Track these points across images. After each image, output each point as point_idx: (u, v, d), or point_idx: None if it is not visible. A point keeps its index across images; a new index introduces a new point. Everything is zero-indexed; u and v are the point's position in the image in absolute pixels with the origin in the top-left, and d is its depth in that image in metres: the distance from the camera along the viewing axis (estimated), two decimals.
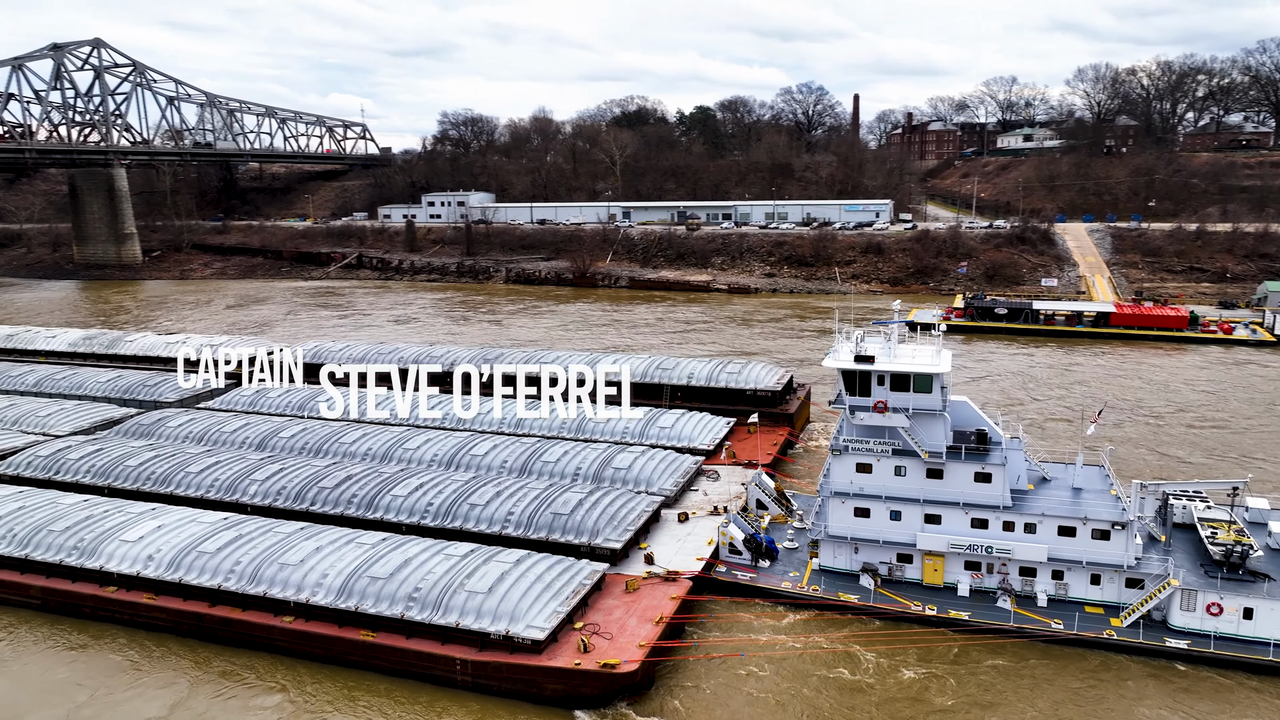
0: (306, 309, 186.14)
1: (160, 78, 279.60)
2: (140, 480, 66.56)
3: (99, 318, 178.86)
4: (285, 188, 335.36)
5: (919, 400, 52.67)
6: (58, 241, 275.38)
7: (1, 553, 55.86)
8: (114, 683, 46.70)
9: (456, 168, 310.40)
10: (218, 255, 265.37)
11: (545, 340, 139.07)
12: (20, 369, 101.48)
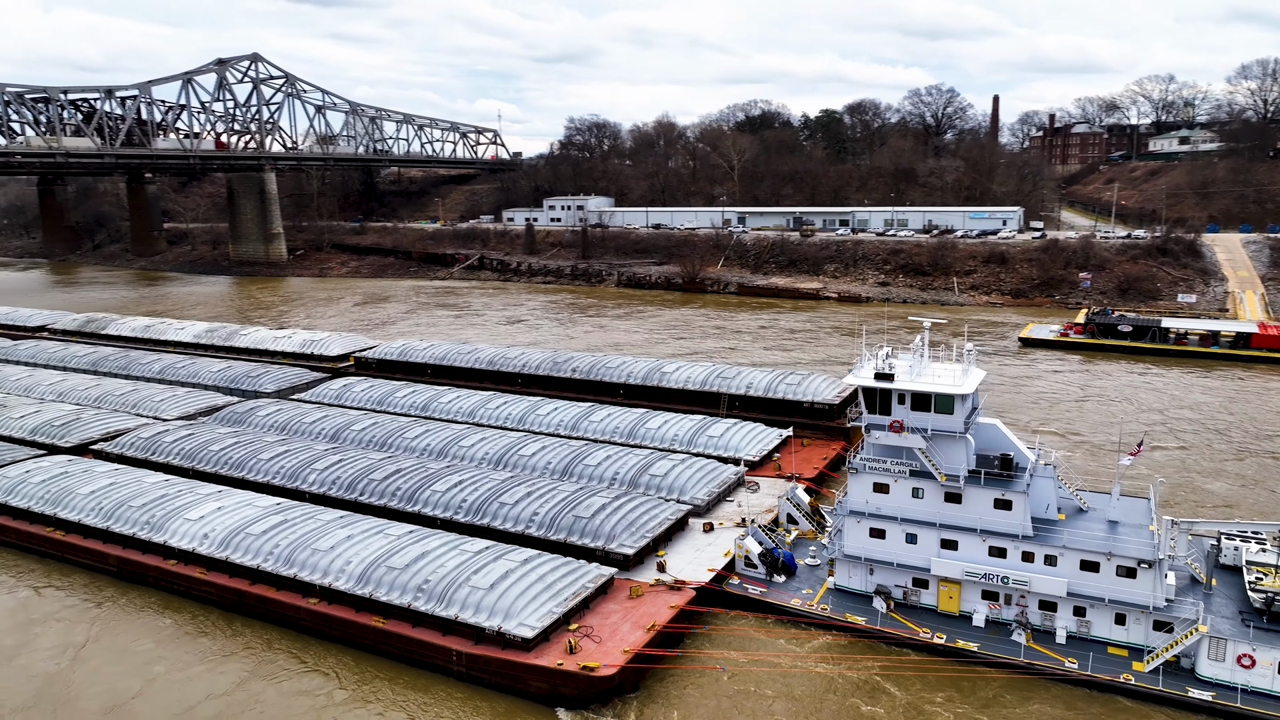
0: (425, 308, 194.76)
1: (309, 88, 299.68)
2: (218, 464, 72.66)
3: (241, 311, 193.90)
4: (420, 191, 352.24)
5: (939, 421, 51.01)
6: (217, 240, 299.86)
7: (89, 523, 62.38)
8: (185, 656, 51.39)
9: (578, 172, 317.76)
10: (354, 255, 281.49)
11: (643, 345, 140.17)
12: (150, 357, 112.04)
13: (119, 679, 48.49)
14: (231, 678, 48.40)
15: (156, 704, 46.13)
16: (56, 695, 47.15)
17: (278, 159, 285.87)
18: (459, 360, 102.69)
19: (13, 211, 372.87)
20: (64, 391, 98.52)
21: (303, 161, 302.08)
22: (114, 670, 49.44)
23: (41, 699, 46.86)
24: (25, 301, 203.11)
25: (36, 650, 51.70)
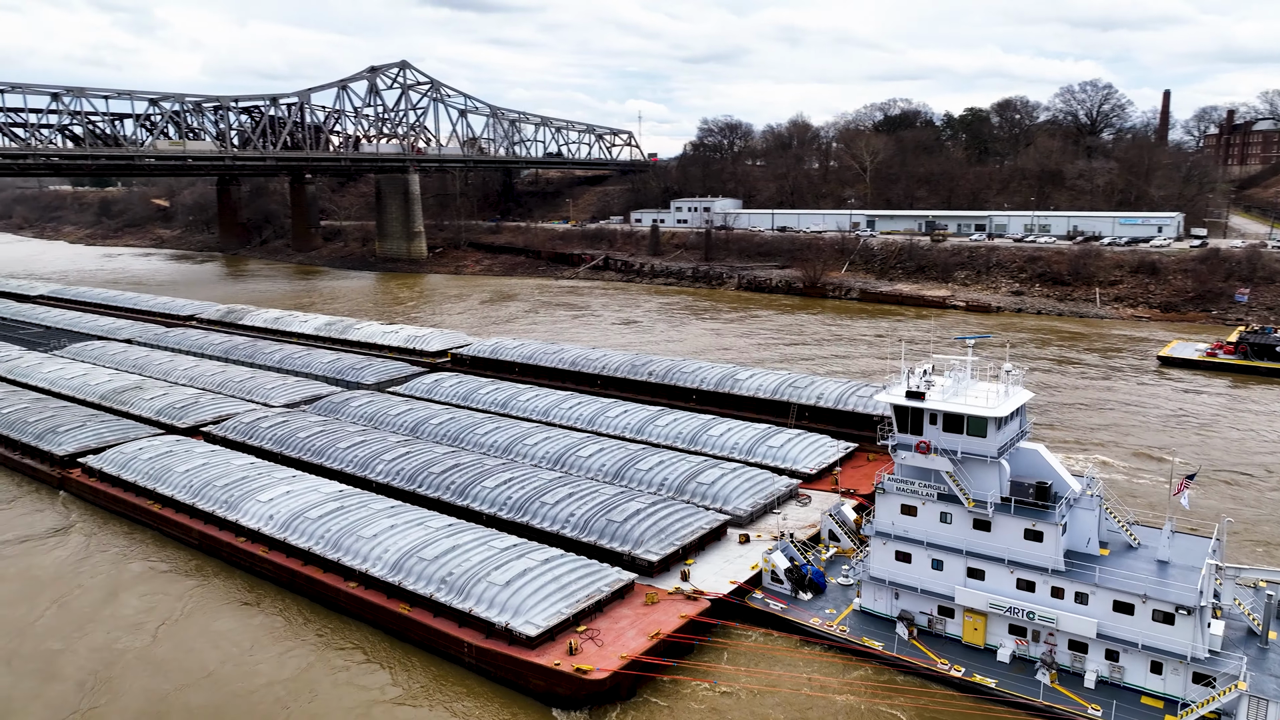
0: (546, 307, 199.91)
1: (453, 93, 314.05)
2: (301, 450, 78.08)
3: (377, 305, 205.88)
4: (555, 192, 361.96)
5: (970, 444, 48.66)
6: (366, 237, 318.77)
7: (179, 499, 68.58)
8: (233, 624, 56.13)
9: (708, 174, 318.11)
10: (488, 253, 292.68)
11: (751, 349, 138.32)
12: (272, 347, 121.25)
13: (169, 642, 53.28)
14: (271, 648, 52.24)
15: (183, 665, 50.43)
16: (112, 658, 52.36)
17: (421, 161, 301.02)
18: (544, 360, 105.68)
19: (197, 209, 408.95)
20: (194, 376, 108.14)
21: (444, 163, 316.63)
22: (171, 633, 54.31)
23: (104, 661, 52.15)
24: (195, 292, 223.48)
25: (119, 613, 57.40)
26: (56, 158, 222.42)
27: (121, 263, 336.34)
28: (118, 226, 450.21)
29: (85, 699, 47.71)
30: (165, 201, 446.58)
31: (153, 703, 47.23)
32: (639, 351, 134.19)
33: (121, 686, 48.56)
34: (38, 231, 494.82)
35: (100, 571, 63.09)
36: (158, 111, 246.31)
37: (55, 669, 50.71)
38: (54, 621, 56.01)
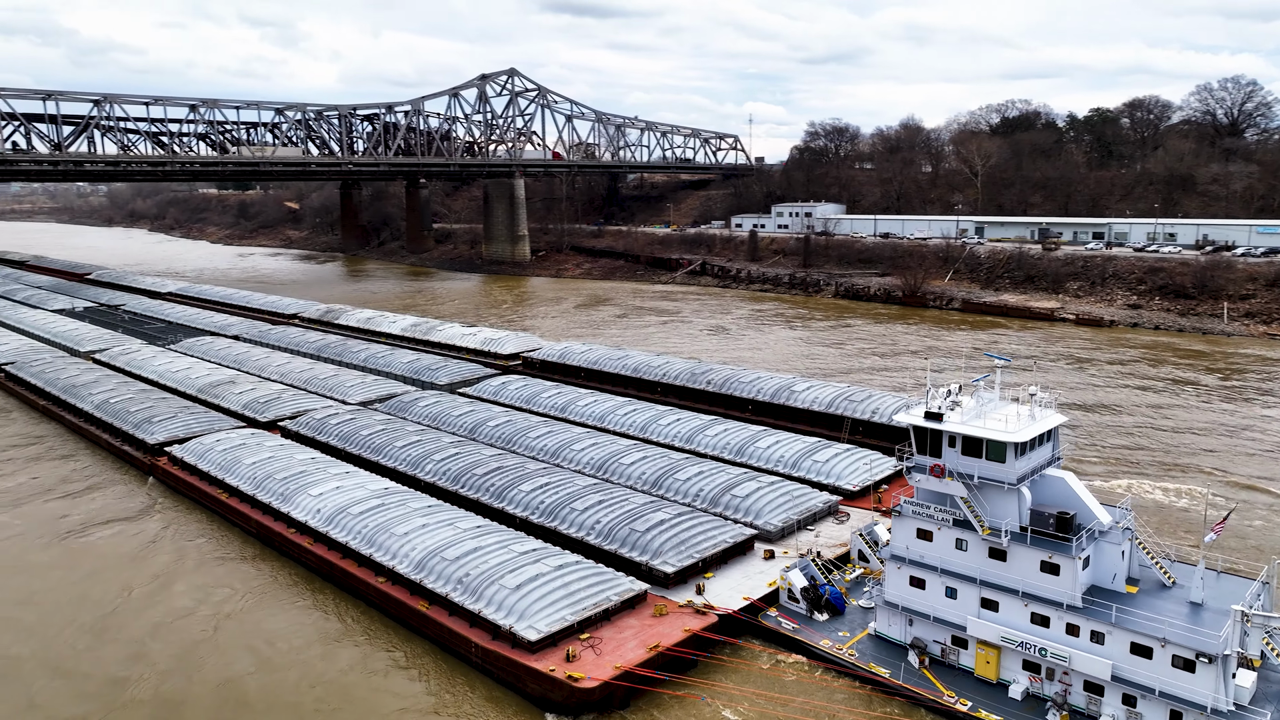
0: (637, 313, 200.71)
1: (560, 99, 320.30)
2: (362, 447, 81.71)
3: (476, 307, 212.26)
4: (659, 196, 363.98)
5: (988, 469, 46.60)
6: (474, 240, 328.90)
7: (243, 490, 72.97)
8: (269, 608, 59.57)
9: (811, 178, 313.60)
10: (588, 257, 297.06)
11: (835, 361, 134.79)
12: (360, 346, 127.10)
13: (219, 634, 56.85)
14: (298, 635, 55.07)
15: (219, 647, 53.68)
16: (154, 625, 56.28)
17: (526, 166, 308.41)
18: (608, 365, 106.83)
19: (323, 211, 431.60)
20: (285, 372, 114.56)
21: (549, 168, 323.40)
22: (222, 625, 57.94)
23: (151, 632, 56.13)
24: (311, 291, 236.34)
25: (176, 604, 61.61)
26: (193, 164, 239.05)
27: (252, 261, 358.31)
28: (253, 228, 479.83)
29: (126, 683, 51.52)
30: (295, 204, 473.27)
31: (187, 692, 50.54)
32: (720, 359, 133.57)
33: (164, 677, 52.07)
34: (185, 231, 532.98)
35: (168, 556, 67.84)
36: (283, 120, 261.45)
37: (103, 651, 54.92)
38: (114, 602, 60.59)
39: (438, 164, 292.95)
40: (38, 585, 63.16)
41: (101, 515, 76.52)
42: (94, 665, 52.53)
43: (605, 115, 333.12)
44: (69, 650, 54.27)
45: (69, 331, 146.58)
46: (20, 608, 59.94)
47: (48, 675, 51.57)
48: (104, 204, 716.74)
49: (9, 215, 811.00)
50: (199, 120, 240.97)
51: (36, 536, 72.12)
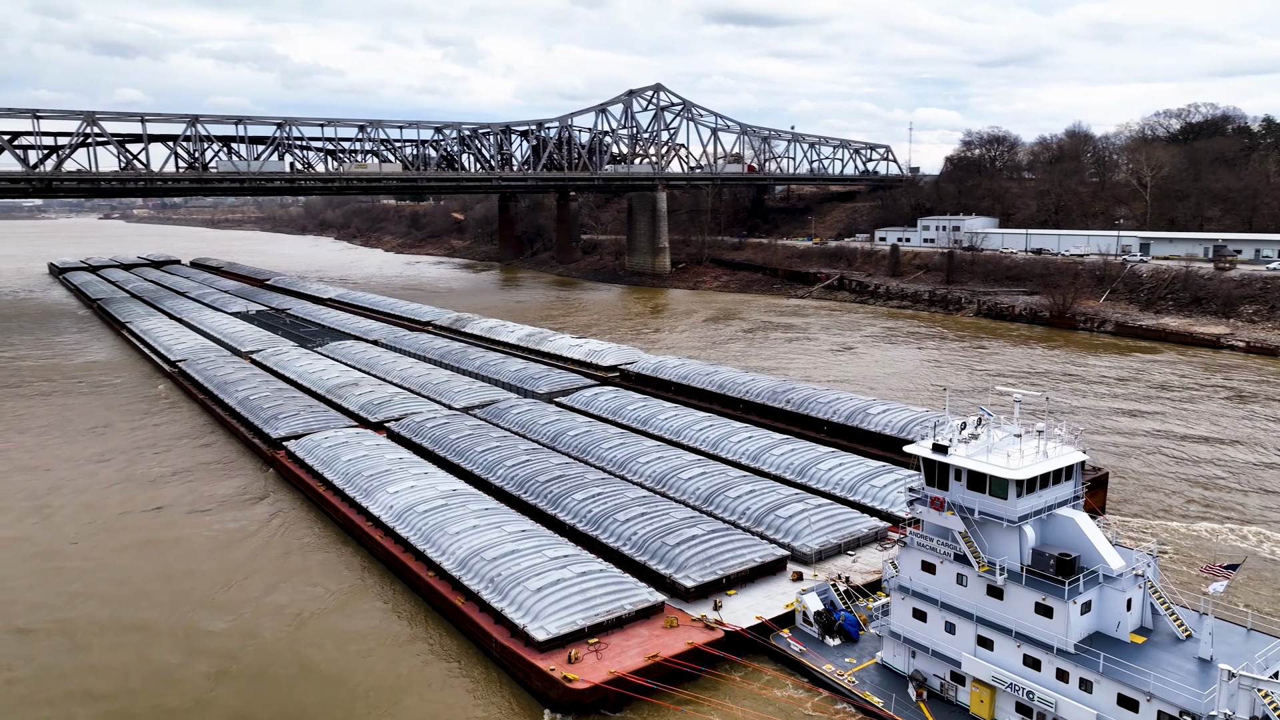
0: (764, 329, 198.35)
1: (704, 113, 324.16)
2: (447, 449, 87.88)
3: (610, 318, 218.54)
4: (805, 208, 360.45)
5: (990, 505, 45.80)
6: (619, 251, 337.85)
7: (335, 483, 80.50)
8: (376, 638, 66.05)
9: (962, 190, 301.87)
10: (727, 269, 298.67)
11: (959, 385, 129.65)
12: (477, 353, 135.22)
13: (277, 601, 63.64)
14: (359, 619, 60.93)
15: (295, 653, 60.10)
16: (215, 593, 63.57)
17: (669, 179, 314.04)
18: (696, 381, 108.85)
19: (485, 222, 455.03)
20: (406, 376, 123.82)
21: (692, 181, 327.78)
22: (305, 621, 64.80)
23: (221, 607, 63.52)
24: (460, 300, 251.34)
25: (262, 596, 69.23)
26: (353, 180, 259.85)
27: (416, 269, 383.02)
28: (423, 237, 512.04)
29: (197, 665, 58.85)
30: (461, 215, 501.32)
31: (252, 683, 57.25)
32: (834, 378, 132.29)
33: (236, 667, 59.07)
34: (365, 240, 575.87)
35: (267, 543, 76.03)
36: (441, 138, 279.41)
37: (195, 634, 62.74)
38: (207, 582, 68.79)
39: (582, 178, 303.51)
40: (160, 559, 72.56)
41: (224, 498, 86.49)
42: (193, 635, 60.30)
43: (750, 127, 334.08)
44: (183, 620, 62.40)
45: (237, 333, 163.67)
46: (147, 580, 69.18)
47: (170, 643, 59.50)
48: (300, 213, 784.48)
49: (223, 224, 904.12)
50: (365, 139, 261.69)
51: (167, 511, 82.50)
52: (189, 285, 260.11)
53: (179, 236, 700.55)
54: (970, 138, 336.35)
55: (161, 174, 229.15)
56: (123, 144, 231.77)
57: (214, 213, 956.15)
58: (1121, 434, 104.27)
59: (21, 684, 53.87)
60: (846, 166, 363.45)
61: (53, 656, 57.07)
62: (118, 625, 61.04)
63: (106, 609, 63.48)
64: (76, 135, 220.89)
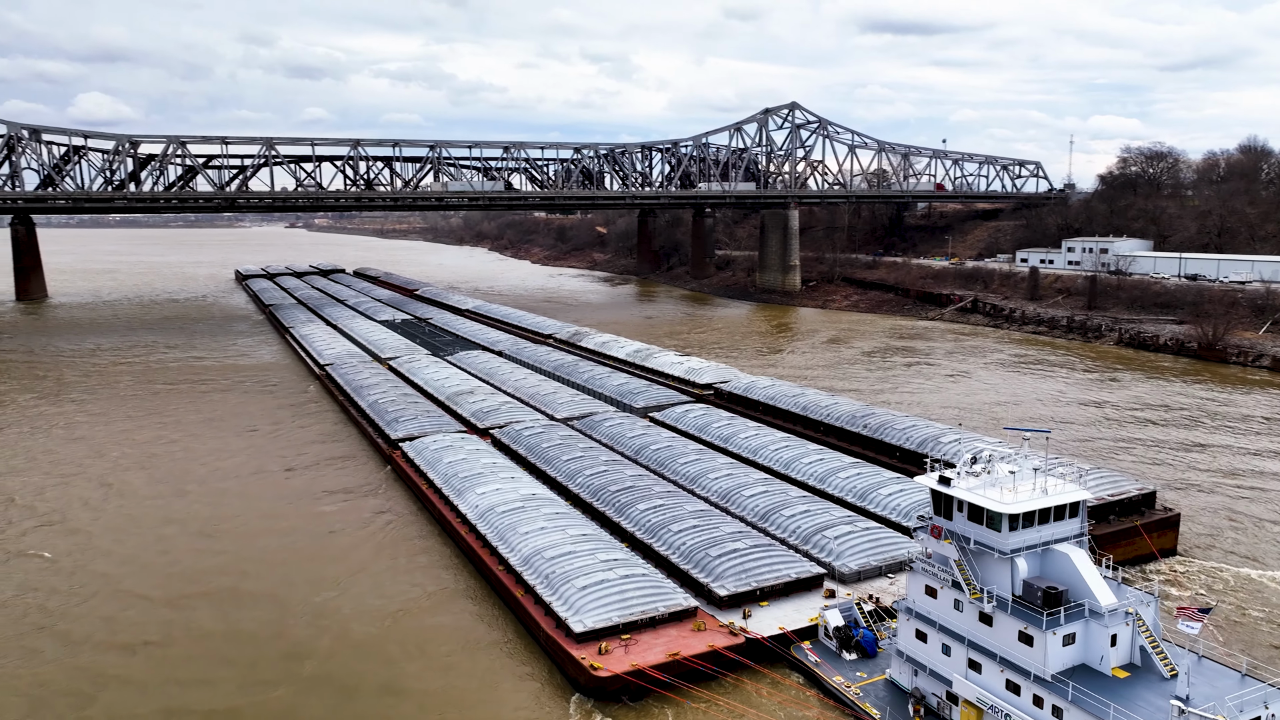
0: (887, 352, 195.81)
1: (841, 130, 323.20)
2: (537, 457, 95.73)
3: (730, 337, 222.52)
4: (945, 226, 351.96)
5: (985, 536, 48.45)
6: (752, 268, 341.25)
7: (436, 483, 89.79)
8: (455, 640, 74.91)
9: (1113, 210, 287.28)
10: (858, 288, 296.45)
11: (1079, 424, 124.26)
12: (586, 367, 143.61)
13: (390, 624, 72.78)
14: (433, 600, 69.21)
15: (355, 599, 68.98)
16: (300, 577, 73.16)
17: (800, 197, 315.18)
18: (782, 402, 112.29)
19: (626, 236, 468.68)
20: (518, 386, 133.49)
21: (824, 199, 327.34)
22: (396, 617, 73.96)
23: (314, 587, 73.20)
24: (598, 313, 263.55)
25: (357, 588, 79.00)
26: (482, 196, 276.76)
27: (558, 281, 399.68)
28: (567, 250, 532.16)
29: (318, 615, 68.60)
30: (604, 229, 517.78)
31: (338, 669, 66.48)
32: (941, 406, 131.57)
33: (317, 658, 68.57)
34: (515, 251, 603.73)
35: (373, 532, 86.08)
36: (579, 157, 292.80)
37: (284, 618, 72.82)
38: (318, 561, 79.06)
39: (713, 196, 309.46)
40: (284, 539, 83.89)
41: (344, 488, 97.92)
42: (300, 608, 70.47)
43: (886, 144, 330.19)
44: (293, 590, 72.87)
45: (380, 340, 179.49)
46: (274, 555, 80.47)
47: (304, 615, 69.97)
48: (459, 225, 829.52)
49: (391, 233, 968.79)
50: (509, 158, 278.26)
51: (296, 497, 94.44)
52: (348, 293, 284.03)
53: (349, 245, 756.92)
54: (1127, 153, 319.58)
55: (327, 191, 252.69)
56: (297, 164, 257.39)
57: (383, 223, 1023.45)
58: (1243, 475, 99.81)
59: (177, 643, 65.01)
60: (993, 184, 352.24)
61: (202, 617, 68.31)
62: (251, 596, 71.63)
63: (242, 582, 74.57)
64: (258, 158, 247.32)
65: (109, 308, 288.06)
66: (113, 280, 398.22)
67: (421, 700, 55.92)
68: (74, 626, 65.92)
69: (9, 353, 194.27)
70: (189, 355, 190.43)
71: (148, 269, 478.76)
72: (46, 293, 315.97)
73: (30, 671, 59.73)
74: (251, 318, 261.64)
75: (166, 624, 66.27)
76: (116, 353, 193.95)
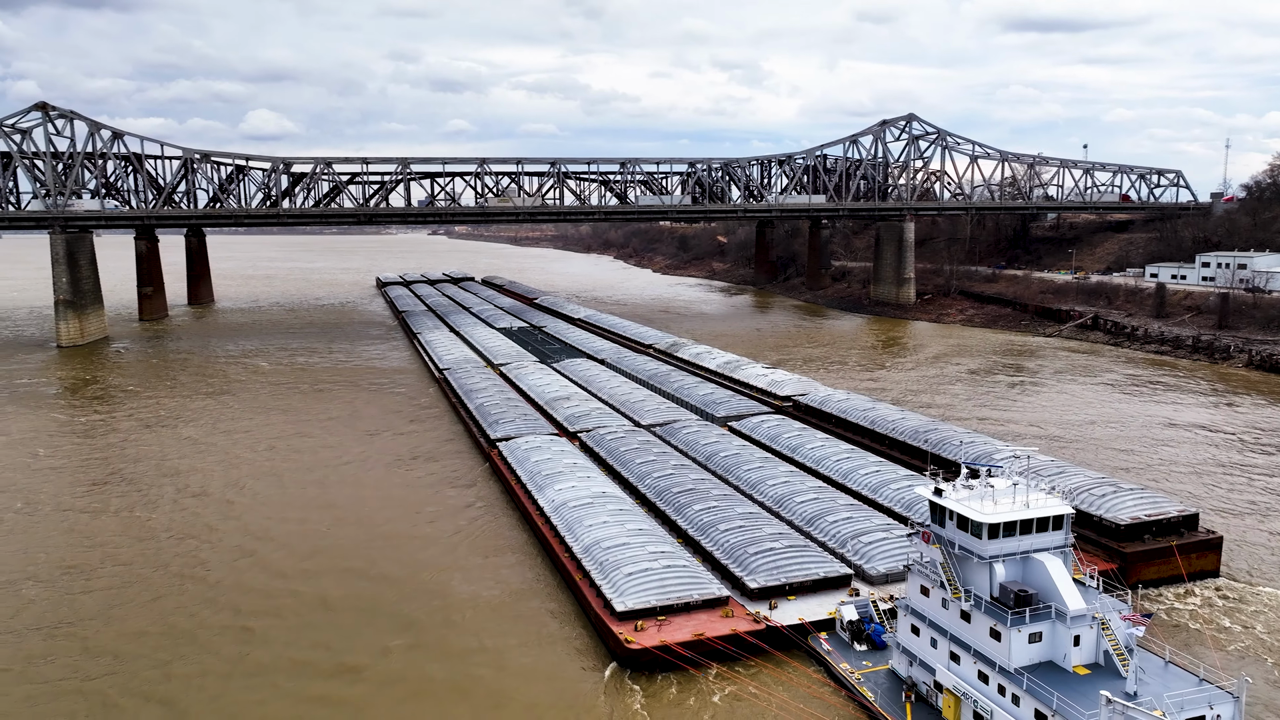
0: (993, 370, 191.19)
1: (961, 141, 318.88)
2: (615, 459, 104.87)
3: (837, 349, 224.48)
4: (1073, 238, 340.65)
5: (968, 542, 54.05)
6: (867, 279, 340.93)
7: (523, 479, 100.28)
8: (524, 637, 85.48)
9: (1257, 222, 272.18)
10: (974, 302, 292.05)
11: (1172, 446, 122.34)
12: (678, 376, 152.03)
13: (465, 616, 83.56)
14: (501, 571, 79.38)
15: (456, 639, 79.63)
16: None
17: (916, 209, 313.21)
18: (852, 415, 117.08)
19: (745, 246, 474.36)
20: (612, 393, 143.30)
21: (942, 210, 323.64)
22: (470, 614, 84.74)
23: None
24: (709, 324, 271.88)
25: (447, 530, 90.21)
26: (595, 211, 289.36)
27: (675, 291, 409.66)
28: (688, 259, 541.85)
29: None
30: (724, 238, 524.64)
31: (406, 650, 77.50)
32: (1028, 427, 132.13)
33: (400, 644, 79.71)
34: (639, 260, 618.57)
35: (467, 518, 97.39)
36: (692, 171, 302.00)
37: (390, 590, 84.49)
38: (414, 545, 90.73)
39: (826, 208, 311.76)
40: (390, 525, 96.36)
41: (448, 480, 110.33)
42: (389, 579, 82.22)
43: (1009, 154, 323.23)
44: (391, 562, 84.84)
45: (495, 347, 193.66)
46: (381, 535, 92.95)
47: (406, 588, 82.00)
48: (588, 233, 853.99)
49: (524, 241, 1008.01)
50: (625, 172, 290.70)
51: (404, 487, 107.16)
52: (474, 301, 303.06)
53: (484, 253, 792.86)
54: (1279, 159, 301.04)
55: (450, 208, 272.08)
56: (433, 179, 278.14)
57: (516, 231, 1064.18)
58: None
59: (308, 609, 77.80)
60: (1127, 192, 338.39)
61: (328, 585, 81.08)
62: (365, 570, 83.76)
63: (359, 557, 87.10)
64: (395, 175, 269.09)
65: (263, 313, 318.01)
66: (268, 286, 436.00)
67: (489, 657, 65.95)
68: (220, 593, 79.37)
69: (185, 354, 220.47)
70: (331, 359, 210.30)
71: (300, 275, 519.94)
72: (213, 297, 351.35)
73: (194, 624, 73.38)
74: (386, 323, 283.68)
75: (295, 594, 78.70)
76: (267, 355, 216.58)
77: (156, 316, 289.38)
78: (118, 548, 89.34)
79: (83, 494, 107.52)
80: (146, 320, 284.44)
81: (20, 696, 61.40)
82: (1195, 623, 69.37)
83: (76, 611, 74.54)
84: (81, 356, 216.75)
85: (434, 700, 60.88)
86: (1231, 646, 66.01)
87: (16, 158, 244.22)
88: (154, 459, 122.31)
